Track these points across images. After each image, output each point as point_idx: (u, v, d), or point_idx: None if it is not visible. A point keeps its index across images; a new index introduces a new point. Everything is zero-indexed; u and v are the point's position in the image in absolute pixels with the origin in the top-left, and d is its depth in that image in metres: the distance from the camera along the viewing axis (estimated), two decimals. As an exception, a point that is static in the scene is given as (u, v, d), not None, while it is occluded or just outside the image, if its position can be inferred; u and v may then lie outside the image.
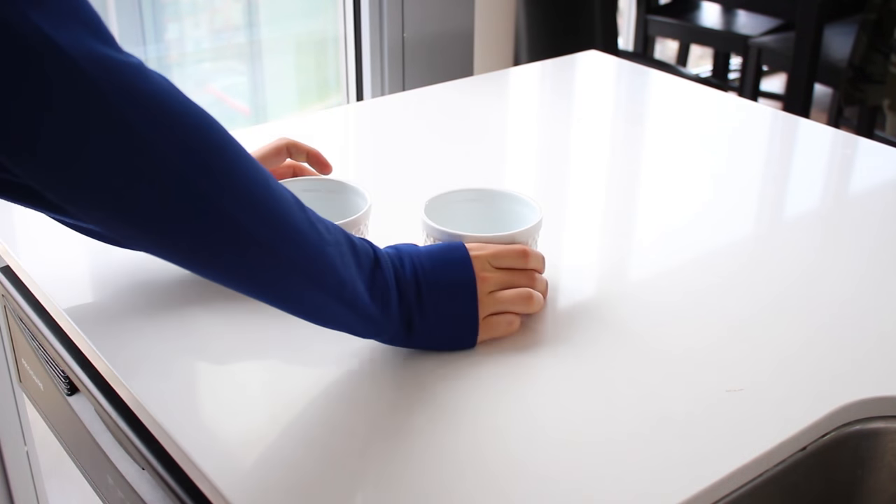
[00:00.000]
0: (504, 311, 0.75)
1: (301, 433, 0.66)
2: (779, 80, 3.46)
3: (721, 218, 0.98)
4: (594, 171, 1.11)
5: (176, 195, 0.55)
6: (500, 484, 0.61)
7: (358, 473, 0.63)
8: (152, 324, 0.78)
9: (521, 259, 0.77)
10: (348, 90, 1.89)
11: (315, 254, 0.63)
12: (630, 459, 0.63)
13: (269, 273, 0.61)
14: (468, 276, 0.73)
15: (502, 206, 0.85)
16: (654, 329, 0.78)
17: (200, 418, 0.67)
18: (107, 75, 0.52)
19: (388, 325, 0.70)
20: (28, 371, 0.94)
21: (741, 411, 0.68)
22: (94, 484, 0.83)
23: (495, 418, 0.67)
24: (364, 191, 0.84)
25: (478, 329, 0.73)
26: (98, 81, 0.52)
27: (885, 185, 1.07)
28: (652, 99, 1.35)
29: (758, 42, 2.57)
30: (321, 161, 0.92)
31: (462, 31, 1.89)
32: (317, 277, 0.63)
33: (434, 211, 0.82)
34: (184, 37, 1.86)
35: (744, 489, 0.64)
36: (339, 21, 1.86)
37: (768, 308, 0.81)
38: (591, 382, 0.72)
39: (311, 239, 0.63)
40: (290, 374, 0.73)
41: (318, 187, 0.86)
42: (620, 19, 2.94)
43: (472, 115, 1.25)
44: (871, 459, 0.71)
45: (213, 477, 0.61)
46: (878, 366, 0.74)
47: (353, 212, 0.83)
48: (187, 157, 0.56)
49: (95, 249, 0.90)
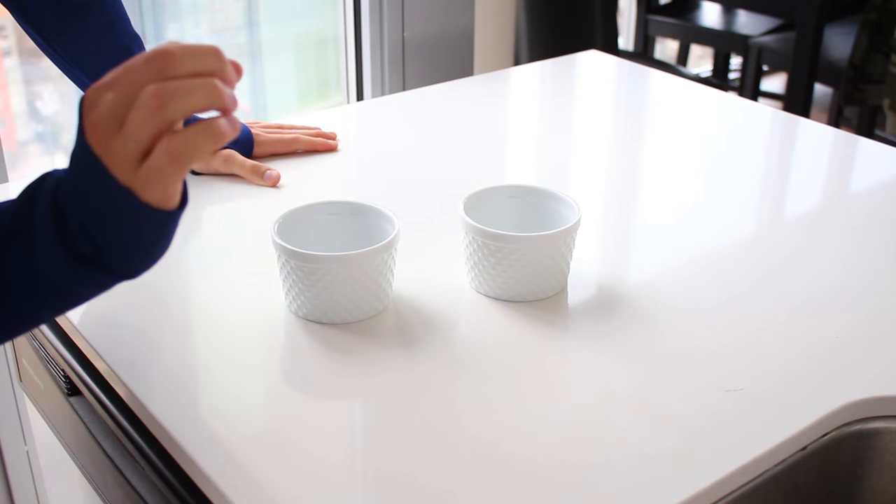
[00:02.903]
0: (147, 139, 0.50)
1: (301, 433, 0.66)
2: (779, 80, 3.45)
3: (721, 218, 0.98)
4: (594, 171, 1.11)
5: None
6: (498, 482, 0.61)
7: (358, 472, 0.63)
8: (152, 324, 0.78)
9: (149, 65, 0.50)
10: (348, 90, 1.89)
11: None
12: (630, 459, 0.63)
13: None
14: (79, 136, 0.51)
15: (541, 204, 0.86)
16: (653, 329, 0.78)
17: (200, 418, 0.67)
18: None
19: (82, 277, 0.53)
20: (28, 371, 0.94)
21: (741, 411, 0.68)
22: (95, 484, 0.83)
23: (493, 416, 0.67)
24: (390, 213, 0.81)
25: (134, 195, 0.50)
26: None
27: (885, 185, 1.07)
28: (652, 99, 1.35)
29: (758, 42, 2.57)
30: None
31: (462, 31, 1.89)
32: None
33: (472, 207, 0.83)
34: (184, 37, 1.86)
35: (744, 489, 0.64)
36: (339, 21, 1.86)
37: (768, 308, 0.81)
38: (591, 382, 0.72)
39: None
40: (289, 374, 0.73)
41: (340, 210, 0.84)
42: (620, 19, 2.94)
43: (472, 115, 1.25)
44: (871, 459, 0.71)
45: (213, 477, 0.61)
46: (878, 366, 0.74)
47: (378, 235, 0.81)
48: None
49: (95, 249, 0.90)
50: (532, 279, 0.80)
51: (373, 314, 0.79)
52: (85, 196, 0.51)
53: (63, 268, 0.52)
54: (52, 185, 0.52)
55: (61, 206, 0.51)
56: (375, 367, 0.73)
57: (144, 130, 0.49)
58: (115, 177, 0.50)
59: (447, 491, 0.61)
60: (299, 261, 0.75)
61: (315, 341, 0.76)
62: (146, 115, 0.49)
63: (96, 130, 0.49)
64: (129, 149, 0.50)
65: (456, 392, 0.70)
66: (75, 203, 0.51)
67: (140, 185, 0.50)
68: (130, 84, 0.49)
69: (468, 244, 0.81)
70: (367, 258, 0.76)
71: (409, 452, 0.64)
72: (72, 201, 0.51)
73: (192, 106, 0.49)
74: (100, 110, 0.49)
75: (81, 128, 0.50)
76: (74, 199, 0.51)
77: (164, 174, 0.50)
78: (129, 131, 0.49)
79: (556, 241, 0.79)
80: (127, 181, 0.50)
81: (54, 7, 0.93)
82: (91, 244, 0.51)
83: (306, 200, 0.83)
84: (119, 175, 0.50)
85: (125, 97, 0.49)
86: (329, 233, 0.83)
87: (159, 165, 0.50)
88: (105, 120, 0.49)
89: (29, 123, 1.83)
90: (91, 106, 0.50)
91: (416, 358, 0.73)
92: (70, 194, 0.51)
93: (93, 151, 0.50)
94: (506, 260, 0.79)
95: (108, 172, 0.50)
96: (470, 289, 0.83)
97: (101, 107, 0.49)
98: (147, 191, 0.50)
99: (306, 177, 1.05)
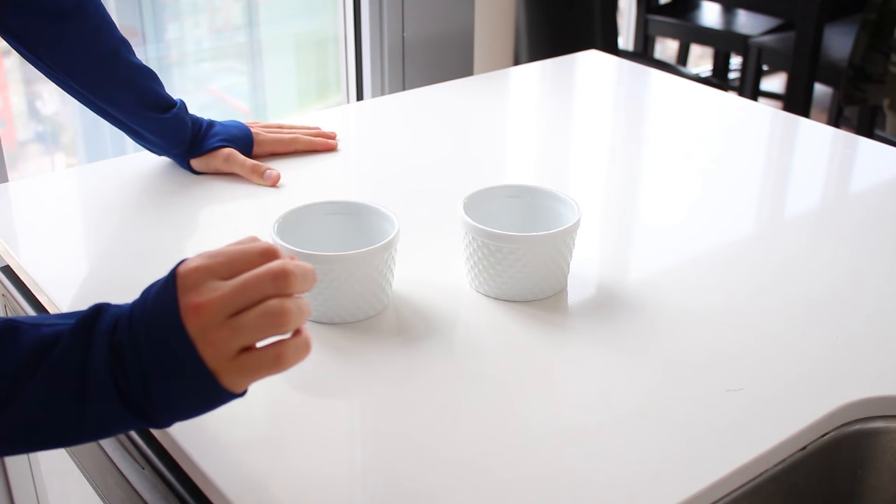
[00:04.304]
0: (254, 341, 0.54)
1: (301, 433, 0.66)
2: (779, 80, 3.45)
3: (720, 217, 0.98)
4: (594, 171, 1.11)
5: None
6: (498, 483, 0.61)
7: (358, 472, 0.63)
8: (152, 324, 0.78)
9: (262, 260, 0.55)
10: (348, 90, 1.89)
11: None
12: (630, 459, 0.63)
13: None
14: (169, 309, 0.53)
15: (541, 204, 0.86)
16: (653, 328, 0.78)
17: (201, 418, 0.67)
18: None
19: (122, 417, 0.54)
20: (28, 371, 0.94)
21: (741, 411, 0.68)
22: (95, 484, 0.83)
23: (493, 416, 0.67)
24: (390, 213, 0.81)
25: (217, 380, 0.53)
26: None
27: (885, 185, 1.07)
28: (652, 99, 1.35)
29: (758, 42, 2.57)
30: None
31: (462, 31, 1.89)
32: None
33: (472, 207, 0.83)
34: (184, 37, 1.86)
35: (744, 489, 0.64)
36: (339, 21, 1.86)
37: (768, 308, 0.81)
38: (591, 382, 0.72)
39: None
40: (289, 374, 0.73)
41: (340, 210, 0.84)
42: (620, 19, 2.94)
43: (472, 115, 1.25)
44: (871, 459, 0.71)
45: (213, 477, 0.61)
46: (878, 366, 0.74)
47: (377, 235, 0.81)
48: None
49: (96, 249, 0.90)
50: (532, 279, 0.80)
51: (373, 314, 0.79)
52: (159, 360, 0.53)
53: (111, 405, 0.53)
54: (109, 325, 0.54)
55: (121, 351, 0.53)
56: (375, 367, 0.73)
57: (259, 334, 0.53)
58: (203, 360, 0.52)
59: (447, 491, 0.61)
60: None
61: (315, 341, 0.75)
62: (268, 325, 0.53)
63: (199, 317, 0.52)
64: (234, 344, 0.53)
65: (456, 392, 0.70)
66: (141, 356, 0.53)
67: (229, 374, 0.53)
68: (254, 290, 0.53)
69: (468, 244, 0.81)
70: (367, 258, 0.76)
71: (409, 452, 0.64)
72: (137, 353, 0.53)
73: (299, 325, 0.55)
74: (209, 298, 0.52)
75: (175, 301, 0.53)
76: (142, 354, 0.53)
77: (262, 373, 0.54)
78: (243, 329, 0.53)
79: (556, 241, 0.79)
80: (214, 367, 0.53)
81: (35, 16, 0.91)
82: (144, 394, 0.53)
83: (306, 200, 0.83)
84: (209, 360, 0.52)
85: (245, 300, 0.53)
86: (329, 233, 0.83)
87: (264, 366, 0.54)
88: (213, 310, 0.52)
89: (29, 123, 1.83)
90: (193, 286, 0.53)
91: (416, 358, 0.73)
92: (136, 346, 0.53)
93: (187, 332, 0.52)
94: (506, 260, 0.79)
95: (199, 355, 0.52)
96: (470, 289, 0.83)
97: (211, 295, 0.52)
98: (234, 381, 0.54)
99: (306, 177, 1.05)
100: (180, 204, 0.98)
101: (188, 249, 0.89)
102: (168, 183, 1.02)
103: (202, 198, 0.99)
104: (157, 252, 0.88)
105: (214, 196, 1.00)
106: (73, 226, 0.94)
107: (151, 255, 0.87)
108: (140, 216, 0.95)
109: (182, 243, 0.90)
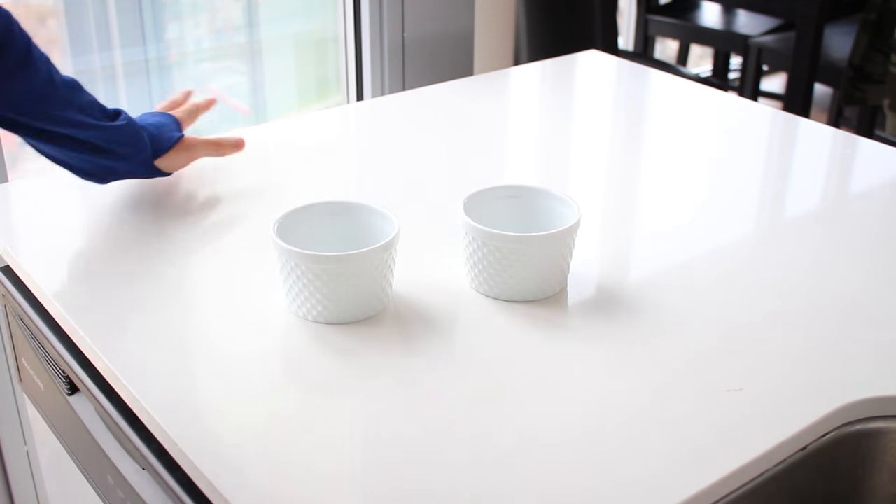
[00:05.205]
0: None
1: (301, 433, 0.66)
2: (779, 80, 3.45)
3: (721, 218, 0.98)
4: (594, 172, 1.11)
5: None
6: (498, 483, 0.61)
7: (358, 473, 0.63)
8: (152, 324, 0.78)
9: None
10: (348, 90, 1.89)
11: None
12: (630, 459, 0.63)
13: None
14: None
15: (541, 204, 0.86)
16: (653, 329, 0.78)
17: (200, 418, 0.67)
18: None
19: None
20: (28, 371, 0.94)
21: (741, 411, 0.68)
22: (94, 484, 0.83)
23: (492, 416, 0.67)
24: (390, 214, 0.81)
25: None
26: None
27: (885, 185, 1.07)
28: (652, 99, 1.35)
29: (758, 42, 2.57)
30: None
31: (462, 31, 1.89)
32: None
33: (472, 207, 0.83)
34: (184, 36, 1.86)
35: (744, 489, 0.64)
36: (339, 21, 1.85)
37: (768, 308, 0.81)
38: (591, 382, 0.72)
39: None
40: (289, 374, 0.73)
41: (340, 210, 0.84)
42: (620, 19, 2.94)
43: (472, 115, 1.25)
44: (871, 459, 0.71)
45: (213, 477, 0.61)
46: (878, 366, 0.74)
47: (377, 235, 0.81)
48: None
49: (96, 249, 0.90)
50: (532, 279, 0.80)
51: (373, 314, 0.79)
52: None
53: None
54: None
55: None
56: (375, 367, 0.73)
57: None
58: None
59: (447, 491, 0.61)
60: (299, 261, 0.75)
61: (315, 341, 0.76)
62: None
63: None
64: None
65: (456, 392, 0.70)
66: None
67: None
68: None
69: (468, 244, 0.81)
70: (367, 258, 0.76)
71: (409, 453, 0.64)
72: None
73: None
74: None
75: None
76: None
77: None
78: None
79: (557, 241, 0.79)
80: None
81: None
82: None
83: (306, 200, 0.83)
84: None
85: None
86: (329, 233, 0.83)
87: None
88: None
89: (29, 123, 1.82)
90: None
91: (416, 358, 0.73)
92: None
93: None
94: (506, 260, 0.79)
95: None
96: (470, 289, 0.83)
97: None
98: None
99: (306, 177, 1.05)
100: (180, 204, 0.98)
101: (188, 250, 0.89)
102: (168, 182, 1.02)
103: (202, 197, 0.99)
104: (158, 252, 0.88)
105: (214, 196, 1.00)
106: (73, 226, 0.94)
107: (152, 255, 0.87)
108: (140, 216, 0.95)
109: (182, 244, 0.90)
